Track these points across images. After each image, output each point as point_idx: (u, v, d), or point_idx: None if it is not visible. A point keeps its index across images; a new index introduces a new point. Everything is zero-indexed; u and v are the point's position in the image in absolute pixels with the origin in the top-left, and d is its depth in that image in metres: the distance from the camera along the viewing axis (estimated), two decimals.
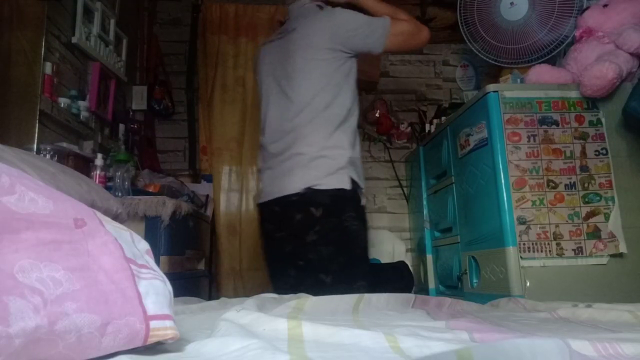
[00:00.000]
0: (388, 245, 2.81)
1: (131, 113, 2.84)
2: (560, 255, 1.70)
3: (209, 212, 2.70)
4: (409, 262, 2.54)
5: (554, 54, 2.11)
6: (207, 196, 2.75)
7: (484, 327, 0.86)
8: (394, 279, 1.87)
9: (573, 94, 1.86)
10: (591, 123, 1.83)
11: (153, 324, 0.56)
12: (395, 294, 1.29)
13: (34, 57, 1.82)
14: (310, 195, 1.57)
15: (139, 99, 2.86)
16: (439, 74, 3.23)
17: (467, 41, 2.32)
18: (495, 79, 2.28)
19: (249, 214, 2.77)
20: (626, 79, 1.84)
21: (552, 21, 2.07)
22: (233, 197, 2.87)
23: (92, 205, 1.16)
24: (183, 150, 3.01)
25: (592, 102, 1.85)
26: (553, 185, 1.76)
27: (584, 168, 1.79)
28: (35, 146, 1.73)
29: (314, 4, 1.78)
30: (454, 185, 2.15)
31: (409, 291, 1.76)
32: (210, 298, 2.13)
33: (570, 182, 1.77)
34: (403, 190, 3.05)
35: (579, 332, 0.86)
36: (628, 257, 1.71)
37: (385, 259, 2.67)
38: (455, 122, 2.13)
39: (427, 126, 2.79)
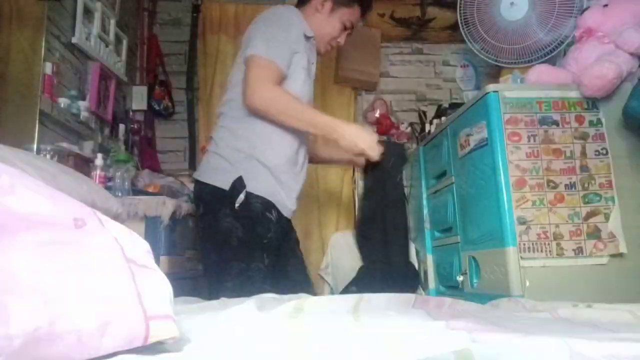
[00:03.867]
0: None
1: (131, 113, 2.84)
2: (560, 255, 1.70)
3: None
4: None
5: (554, 54, 2.10)
6: None
7: (484, 327, 0.86)
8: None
9: (573, 94, 1.86)
10: (591, 123, 1.83)
11: (153, 324, 0.56)
12: (396, 294, 1.29)
13: (33, 57, 1.82)
14: (196, 190, 1.68)
15: (139, 99, 2.86)
16: (439, 74, 3.23)
17: (467, 41, 2.32)
18: (495, 79, 2.28)
19: None
20: (626, 79, 1.83)
21: (552, 21, 2.07)
22: None
23: (92, 205, 1.16)
24: (183, 150, 3.01)
25: (592, 102, 1.85)
26: (553, 185, 1.76)
27: (584, 168, 1.79)
28: (35, 146, 1.73)
29: None
30: (454, 185, 2.15)
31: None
32: (210, 298, 2.12)
33: (570, 182, 1.77)
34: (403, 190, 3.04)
35: (579, 332, 0.86)
36: (628, 257, 1.70)
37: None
38: (455, 122, 2.13)
39: (427, 126, 2.78)
